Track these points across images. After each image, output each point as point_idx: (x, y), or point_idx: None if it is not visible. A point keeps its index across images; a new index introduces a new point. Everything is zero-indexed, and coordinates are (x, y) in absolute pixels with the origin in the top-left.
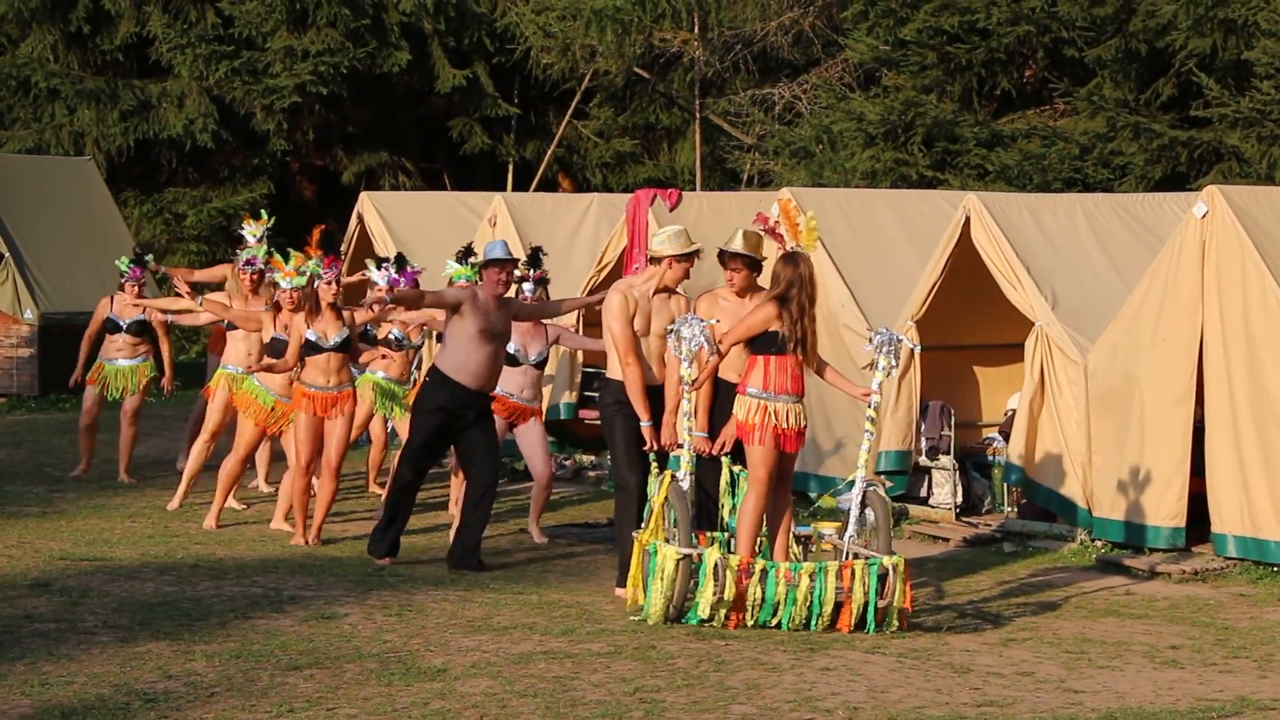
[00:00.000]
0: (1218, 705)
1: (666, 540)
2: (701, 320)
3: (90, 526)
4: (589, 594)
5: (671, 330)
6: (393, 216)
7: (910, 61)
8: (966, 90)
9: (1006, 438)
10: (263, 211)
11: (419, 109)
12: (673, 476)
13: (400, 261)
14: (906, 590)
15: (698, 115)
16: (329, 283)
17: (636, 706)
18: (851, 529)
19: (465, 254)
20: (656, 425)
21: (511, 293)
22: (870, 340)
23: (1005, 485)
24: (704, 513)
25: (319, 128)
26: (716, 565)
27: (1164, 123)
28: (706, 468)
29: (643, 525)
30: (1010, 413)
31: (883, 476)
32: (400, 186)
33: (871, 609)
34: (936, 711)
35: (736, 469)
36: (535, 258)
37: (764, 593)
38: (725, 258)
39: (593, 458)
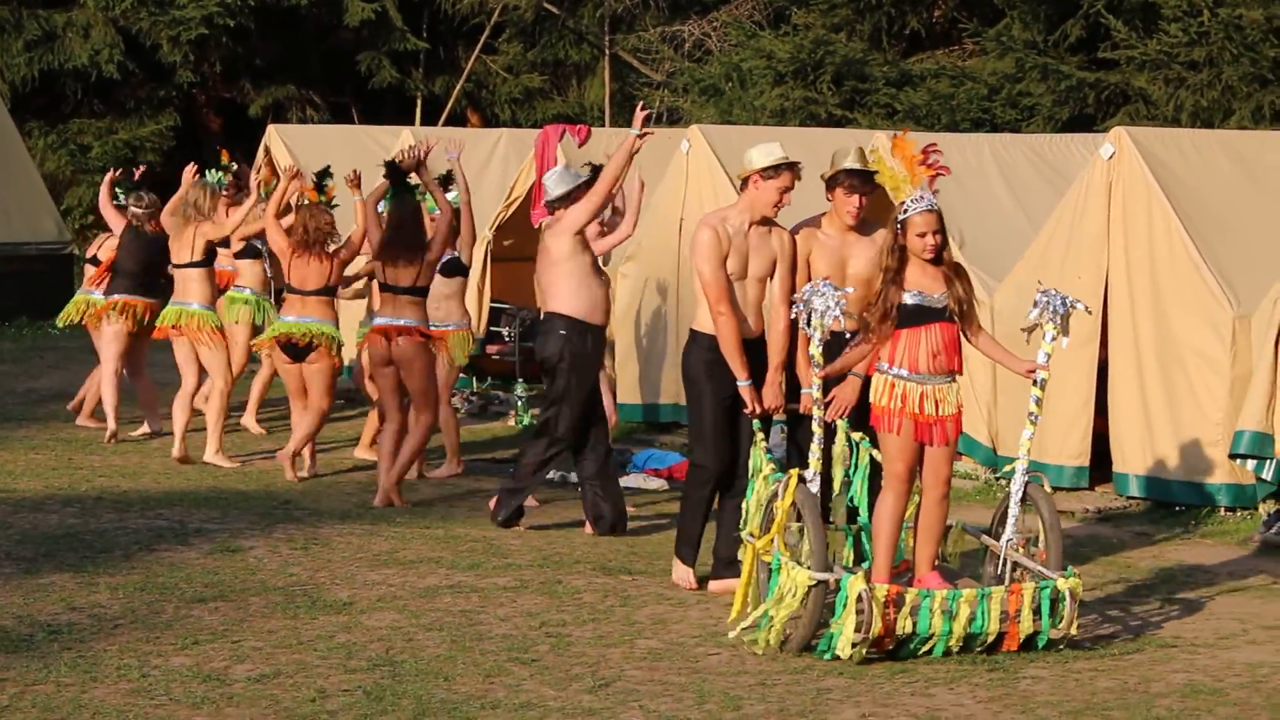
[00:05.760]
0: (1119, 643)
1: (787, 548)
2: (837, 289)
3: None
4: (495, 529)
5: (798, 301)
6: (300, 150)
7: (820, 0)
8: (876, 29)
9: None
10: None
11: (327, 42)
12: (800, 478)
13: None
14: (1075, 613)
15: (607, 52)
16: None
17: (543, 640)
18: (1009, 532)
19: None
20: (758, 385)
21: None
22: (1035, 304)
23: None
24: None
25: (226, 60)
26: (861, 596)
27: (1072, 64)
28: (802, 428)
29: (748, 524)
30: None
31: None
32: (308, 120)
33: (1044, 637)
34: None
35: (857, 436)
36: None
37: (915, 625)
38: (839, 180)
39: (500, 394)
